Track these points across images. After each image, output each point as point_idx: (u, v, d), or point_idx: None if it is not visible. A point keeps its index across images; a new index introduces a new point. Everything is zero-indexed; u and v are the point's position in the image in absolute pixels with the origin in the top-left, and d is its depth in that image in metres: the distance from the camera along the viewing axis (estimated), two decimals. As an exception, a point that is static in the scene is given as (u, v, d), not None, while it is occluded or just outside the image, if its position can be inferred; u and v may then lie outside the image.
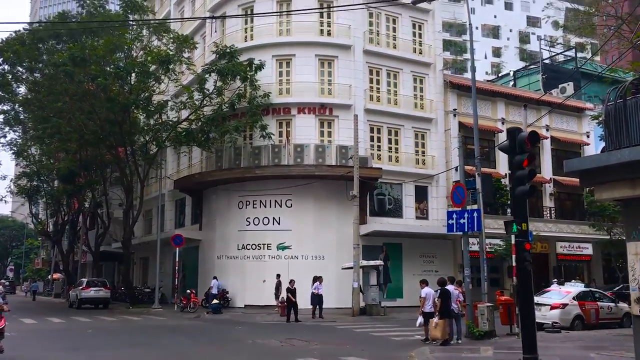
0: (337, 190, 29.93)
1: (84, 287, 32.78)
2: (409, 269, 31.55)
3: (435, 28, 34.62)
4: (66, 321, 23.15)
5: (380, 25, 33.00)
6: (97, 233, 41.39)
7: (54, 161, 43.65)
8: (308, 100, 30.58)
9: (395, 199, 32.38)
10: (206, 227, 32.90)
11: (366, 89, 31.70)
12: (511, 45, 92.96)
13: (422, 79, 33.74)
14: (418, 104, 33.51)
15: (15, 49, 28.39)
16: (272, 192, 29.76)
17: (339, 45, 31.28)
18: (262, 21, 31.59)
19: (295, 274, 28.56)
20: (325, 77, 31.26)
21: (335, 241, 29.66)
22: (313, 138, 30.34)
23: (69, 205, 47.74)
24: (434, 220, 32.88)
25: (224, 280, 29.86)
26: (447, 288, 14.67)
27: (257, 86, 29.62)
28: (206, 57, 33.28)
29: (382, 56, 32.40)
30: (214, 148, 31.58)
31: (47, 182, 46.85)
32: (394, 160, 32.30)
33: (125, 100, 29.59)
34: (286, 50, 31.27)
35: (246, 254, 30.10)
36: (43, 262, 72.96)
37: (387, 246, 30.28)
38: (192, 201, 35.45)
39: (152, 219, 42.13)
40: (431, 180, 32.93)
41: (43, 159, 44.53)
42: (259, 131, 29.44)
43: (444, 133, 33.74)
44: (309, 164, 29.32)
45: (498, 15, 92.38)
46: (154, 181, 38.93)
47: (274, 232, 29.75)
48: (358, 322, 22.98)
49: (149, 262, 41.51)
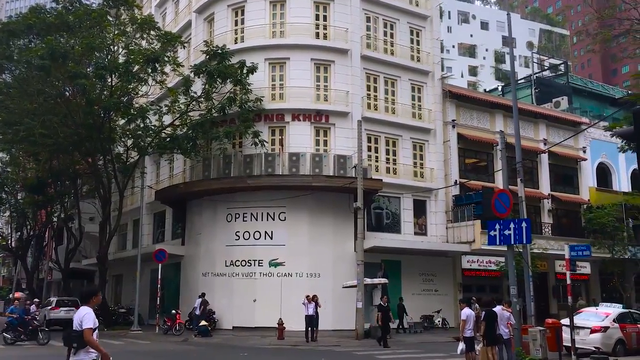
0: (334, 202, 27.98)
1: (53, 307, 29.83)
2: (409, 287, 29.65)
3: (434, 35, 33.21)
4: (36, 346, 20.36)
5: (377, 30, 31.40)
6: (68, 248, 38.29)
7: (21, 170, 40.55)
8: (303, 107, 28.63)
9: (393, 213, 30.52)
10: (189, 242, 30.40)
11: (364, 96, 29.95)
12: (487, 64, 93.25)
13: (420, 87, 32.18)
14: (416, 114, 31.90)
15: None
16: (264, 204, 27.58)
17: (335, 49, 29.51)
18: (253, 22, 29.67)
19: (289, 293, 26.49)
20: (321, 82, 29.38)
21: (331, 257, 27.63)
22: (308, 147, 28.33)
23: (35, 218, 44.45)
24: (433, 236, 31.14)
25: (210, 300, 27.35)
26: (494, 309, 12.71)
27: (249, 90, 27.56)
28: (191, 60, 31.08)
29: (379, 62, 30.76)
30: (200, 156, 29.29)
31: (12, 194, 43.50)
32: (392, 172, 30.52)
33: (105, 102, 27.08)
34: (280, 53, 29.34)
35: (235, 271, 27.73)
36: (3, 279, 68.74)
37: (386, 263, 28.43)
38: (173, 214, 32.92)
39: (126, 233, 39.33)
40: (430, 194, 31.23)
41: (8, 168, 41.35)
42: (251, 138, 27.31)
43: (442, 145, 32.14)
44: (305, 174, 27.27)
45: (474, 34, 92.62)
46: (130, 193, 36.30)
47: (266, 248, 27.50)
48: (366, 347, 20.91)
49: (123, 280, 38.61)
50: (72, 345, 6.20)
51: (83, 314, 6.37)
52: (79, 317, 6.38)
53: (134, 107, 29.07)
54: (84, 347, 6.25)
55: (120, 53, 28.52)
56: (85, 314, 6.35)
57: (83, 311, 6.43)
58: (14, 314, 20.95)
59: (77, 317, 6.44)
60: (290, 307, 25.61)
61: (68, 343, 6.32)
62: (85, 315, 6.33)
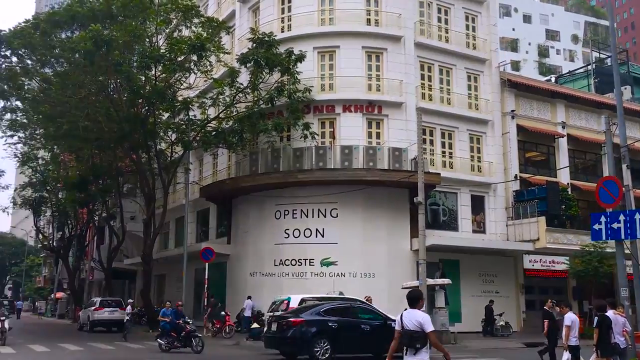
0: (389, 198, 26.40)
1: (97, 308, 28.93)
2: (468, 289, 27.82)
3: (490, 21, 31.30)
4: (84, 349, 19.27)
5: (431, 16, 29.66)
6: (110, 248, 37.49)
7: (62, 169, 39.95)
8: (354, 97, 27.11)
9: (449, 209, 28.70)
10: (235, 241, 29.13)
11: (417, 85, 28.25)
12: (530, 58, 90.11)
13: (476, 76, 30.29)
14: (473, 104, 30.03)
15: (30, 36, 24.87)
16: (314, 200, 26.14)
17: (388, 36, 27.89)
18: (301, 10, 28.26)
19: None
20: (373, 71, 27.81)
21: (386, 256, 26.07)
22: (360, 139, 26.77)
23: (77, 217, 43.90)
24: (492, 234, 29.22)
25: (258, 301, 26.03)
26: (608, 314, 10.91)
27: (298, 80, 26.13)
28: (236, 51, 29.84)
29: (434, 50, 29.01)
30: (247, 150, 27.99)
31: (54, 193, 43.02)
32: (448, 166, 28.72)
33: (149, 94, 25.98)
34: (329, 41, 27.86)
35: (285, 270, 26.36)
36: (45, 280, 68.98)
37: (444, 262, 26.69)
38: (217, 212, 31.73)
39: (168, 232, 38.38)
40: (488, 190, 29.32)
41: (50, 167, 40.81)
42: (301, 131, 25.87)
43: (501, 137, 30.18)
44: (358, 167, 25.71)
45: (517, 28, 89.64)
46: (172, 191, 35.27)
47: (317, 246, 26.07)
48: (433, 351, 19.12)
49: (166, 281, 37.64)
50: (415, 345, 6.61)
51: (421, 317, 6.73)
52: (417, 319, 6.71)
53: (177, 100, 27.94)
54: (425, 347, 6.67)
55: (163, 43, 27.36)
56: (424, 316, 6.76)
57: (420, 315, 6.76)
58: (167, 317, 18.60)
59: (412, 318, 6.74)
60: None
61: (411, 344, 6.66)
62: (425, 318, 6.73)
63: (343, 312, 16.39)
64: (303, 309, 16.82)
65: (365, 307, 17.63)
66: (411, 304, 6.94)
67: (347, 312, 16.35)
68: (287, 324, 15.71)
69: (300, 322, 15.55)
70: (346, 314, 16.31)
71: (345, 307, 16.71)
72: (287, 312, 17.22)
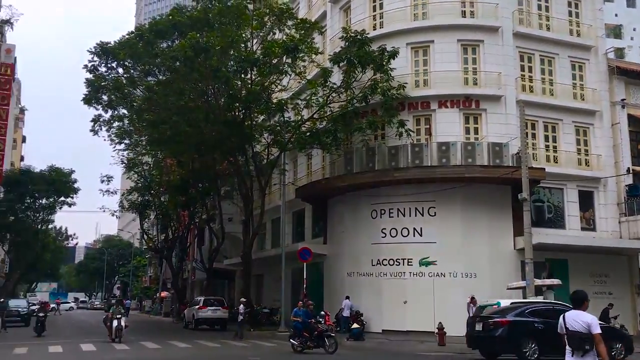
0: (489, 195, 25.44)
1: (201, 306, 29.96)
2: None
3: (595, 5, 29.47)
4: (192, 346, 19.94)
5: (530, 4, 28.30)
6: (210, 249, 38.79)
7: (164, 173, 41.86)
8: (450, 92, 26.33)
9: (555, 206, 27.23)
10: (331, 241, 29.16)
11: (517, 77, 27.02)
12: (635, 44, 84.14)
13: (581, 65, 28.58)
14: (578, 95, 28.36)
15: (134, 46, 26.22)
16: (411, 198, 25.63)
17: (484, 28, 26.90)
18: (393, 6, 27.85)
19: (442, 294, 24.44)
20: (469, 65, 26.91)
21: (487, 256, 25.09)
22: (457, 135, 25.98)
23: (179, 219, 45.86)
24: (603, 232, 27.42)
25: (356, 301, 25.93)
26: None
27: (392, 77, 25.74)
28: (328, 51, 29.89)
29: (534, 39, 27.66)
30: (342, 150, 27.95)
31: (157, 196, 45.21)
32: (553, 161, 27.26)
33: (245, 97, 26.58)
34: (423, 36, 27.26)
35: (382, 270, 26.03)
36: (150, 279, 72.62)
37: (550, 262, 25.27)
38: (312, 212, 31.92)
39: (265, 233, 39.13)
40: (598, 184, 27.56)
41: (154, 171, 42.89)
42: (396, 128, 25.46)
43: (610, 128, 28.28)
44: (456, 164, 24.96)
45: (619, 13, 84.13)
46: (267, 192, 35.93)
47: (415, 245, 25.53)
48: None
49: (264, 280, 38.39)
50: (585, 347, 6.45)
51: (590, 318, 6.54)
52: (585, 320, 6.52)
53: (273, 102, 28.40)
54: (593, 350, 6.47)
55: (258, 47, 27.92)
56: (592, 318, 6.56)
57: (587, 316, 6.58)
58: (299, 317, 18.41)
59: (578, 320, 6.56)
60: (444, 310, 23.55)
61: (580, 346, 6.50)
62: (594, 320, 6.52)
63: (547, 313, 16.18)
64: (507, 309, 16.95)
65: (567, 309, 17.03)
66: (576, 305, 6.77)
67: (550, 314, 15.89)
68: (494, 324, 16.04)
69: (508, 322, 15.91)
70: (550, 316, 15.82)
71: (548, 309, 16.54)
72: (492, 313, 17.20)
